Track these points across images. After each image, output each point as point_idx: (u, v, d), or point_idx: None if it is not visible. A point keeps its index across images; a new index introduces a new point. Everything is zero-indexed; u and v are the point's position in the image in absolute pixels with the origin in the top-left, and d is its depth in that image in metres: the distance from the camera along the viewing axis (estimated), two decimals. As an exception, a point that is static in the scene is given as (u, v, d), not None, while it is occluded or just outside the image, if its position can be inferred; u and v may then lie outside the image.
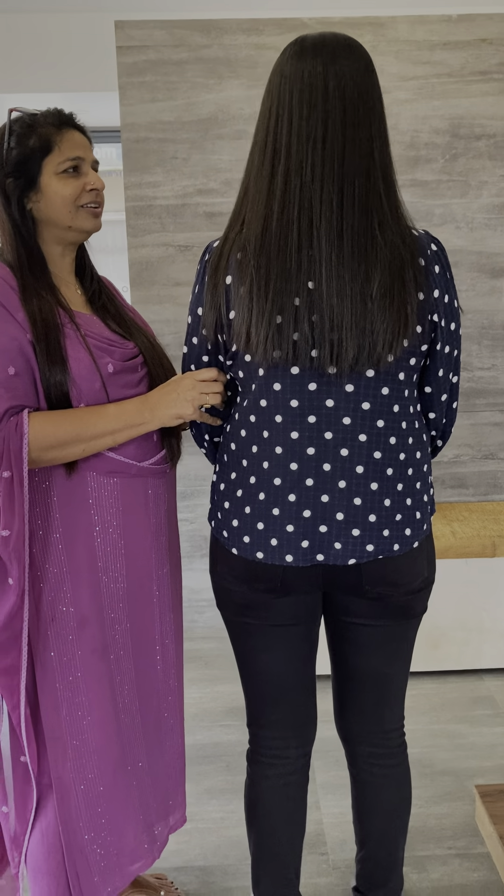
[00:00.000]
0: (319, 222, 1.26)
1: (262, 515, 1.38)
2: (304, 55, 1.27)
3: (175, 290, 2.90)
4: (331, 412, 1.33)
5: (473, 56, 2.76)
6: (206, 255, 1.38)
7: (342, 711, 1.60)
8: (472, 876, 1.91)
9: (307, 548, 1.37)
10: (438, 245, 1.34)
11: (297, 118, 1.26)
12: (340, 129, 1.25)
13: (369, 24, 2.71)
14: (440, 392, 1.43)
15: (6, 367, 1.35)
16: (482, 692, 2.69)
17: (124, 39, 2.71)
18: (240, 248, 1.31)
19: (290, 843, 1.59)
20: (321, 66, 1.25)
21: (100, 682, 1.49)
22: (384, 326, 1.26)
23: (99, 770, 1.51)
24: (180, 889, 1.86)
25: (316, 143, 1.25)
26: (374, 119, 1.28)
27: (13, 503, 1.35)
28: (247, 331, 1.29)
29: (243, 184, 1.34)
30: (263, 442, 1.37)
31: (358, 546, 1.37)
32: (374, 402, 1.33)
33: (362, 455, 1.34)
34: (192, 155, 2.80)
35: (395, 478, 1.37)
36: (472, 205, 2.86)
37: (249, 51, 2.73)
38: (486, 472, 3.10)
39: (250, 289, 1.28)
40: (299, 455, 1.34)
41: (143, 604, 1.55)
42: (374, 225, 1.27)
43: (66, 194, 1.42)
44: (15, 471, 1.34)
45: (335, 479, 1.35)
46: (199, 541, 3.09)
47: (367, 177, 1.27)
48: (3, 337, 1.36)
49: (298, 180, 1.26)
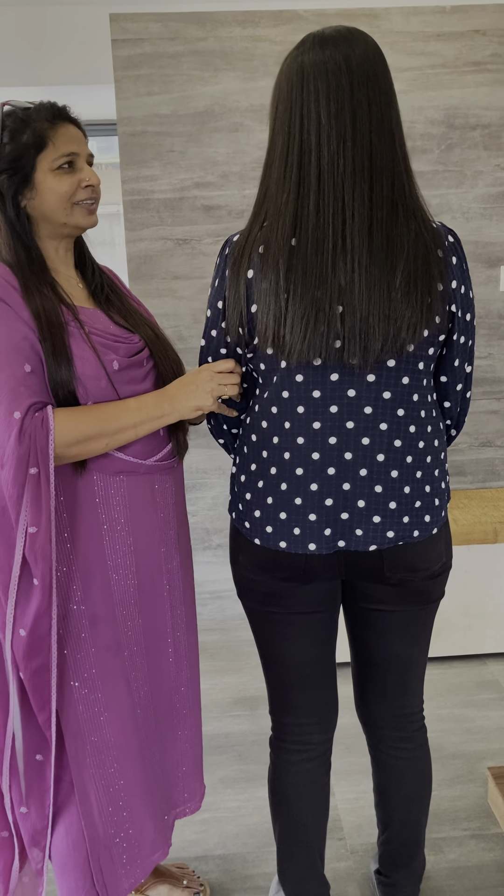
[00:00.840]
0: (353, 220, 1.27)
1: (285, 505, 1.39)
2: (324, 49, 1.27)
3: (174, 283, 2.90)
4: (352, 402, 1.34)
5: (467, 47, 2.77)
6: (226, 249, 1.39)
7: (363, 696, 1.62)
8: (488, 856, 1.95)
9: (329, 535, 1.39)
10: (455, 237, 1.36)
11: (325, 118, 1.26)
12: (367, 124, 1.26)
13: (364, 15, 2.72)
14: (455, 382, 1.45)
15: (22, 364, 1.35)
16: (486, 676, 2.73)
17: (119, 32, 2.70)
18: (262, 242, 1.32)
19: (314, 828, 1.62)
20: (343, 62, 1.26)
21: (115, 678, 1.50)
22: (408, 314, 1.28)
23: (119, 765, 1.53)
24: (202, 878, 1.88)
25: (346, 141, 1.26)
26: (394, 111, 1.30)
27: (40, 500, 1.35)
28: (277, 331, 1.30)
29: (263, 183, 1.35)
30: (285, 433, 1.38)
31: (379, 532, 1.39)
32: (394, 392, 1.35)
33: (383, 443, 1.36)
34: (189, 148, 2.80)
35: (415, 465, 1.39)
36: (468, 195, 2.89)
37: (245, 43, 2.73)
38: (483, 460, 3.13)
39: (285, 289, 1.28)
40: (321, 445, 1.36)
41: (155, 599, 1.56)
42: (400, 216, 1.28)
43: (61, 191, 1.41)
44: (42, 467, 1.34)
45: (357, 467, 1.37)
46: (202, 533, 3.10)
47: (394, 169, 1.28)
48: (16, 335, 1.35)
49: (331, 180, 1.27)
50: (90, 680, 1.48)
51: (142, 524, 1.51)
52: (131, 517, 1.49)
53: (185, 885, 1.81)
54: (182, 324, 2.91)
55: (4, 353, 1.34)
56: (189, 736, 1.69)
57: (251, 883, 1.89)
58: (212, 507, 3.09)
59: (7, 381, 1.33)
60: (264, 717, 2.49)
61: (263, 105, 2.76)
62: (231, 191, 2.84)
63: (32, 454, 1.34)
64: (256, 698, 2.64)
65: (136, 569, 1.51)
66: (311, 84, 1.27)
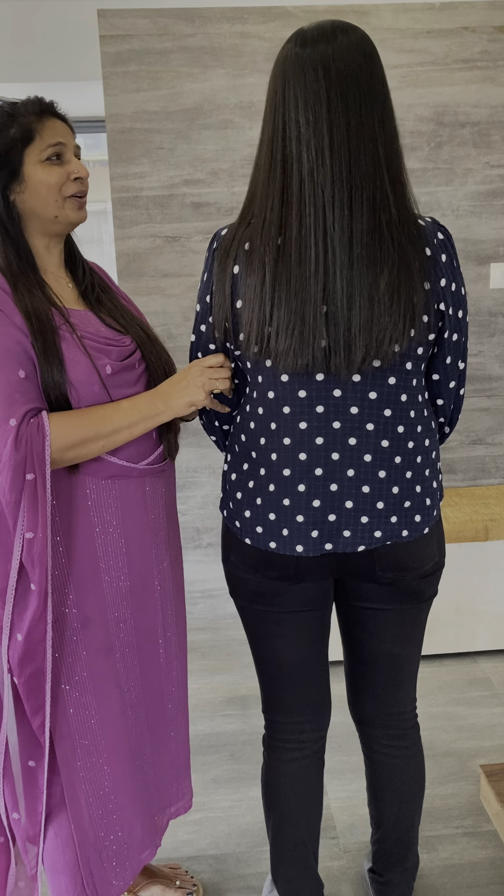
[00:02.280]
0: (333, 229, 1.26)
1: (274, 506, 1.39)
2: (303, 57, 1.25)
3: (163, 281, 2.89)
4: (338, 402, 1.33)
5: (456, 44, 2.77)
6: (214, 243, 1.38)
7: (356, 694, 1.62)
8: (480, 854, 1.94)
9: (316, 538, 1.38)
10: (445, 233, 1.35)
11: (304, 127, 1.25)
12: (345, 133, 1.24)
13: (353, 12, 2.72)
14: (448, 379, 1.45)
15: (16, 370, 1.34)
16: (477, 674, 2.73)
17: (107, 28, 2.68)
18: (247, 239, 1.31)
19: (308, 827, 1.61)
20: (321, 68, 1.24)
21: (105, 681, 1.49)
22: (391, 322, 1.27)
23: (109, 767, 1.52)
24: (195, 878, 1.87)
25: (324, 151, 1.25)
26: (377, 111, 1.26)
27: (37, 506, 1.34)
28: (262, 331, 1.29)
29: (251, 187, 1.34)
30: (272, 434, 1.37)
31: (366, 533, 1.38)
32: (381, 392, 1.34)
33: (370, 444, 1.35)
34: (178, 145, 2.78)
35: (404, 465, 1.38)
36: (458, 192, 2.89)
37: (234, 39, 2.72)
38: (474, 458, 3.13)
39: (270, 296, 1.28)
40: (308, 445, 1.35)
41: (146, 600, 1.55)
42: (381, 225, 1.27)
43: (50, 182, 1.40)
44: (38, 473, 1.33)
45: (343, 467, 1.36)
46: (192, 532, 3.09)
47: (374, 178, 1.26)
48: (8, 339, 1.34)
49: (312, 190, 1.26)
50: (81, 683, 1.46)
51: (133, 526, 1.50)
52: (123, 519, 1.48)
53: (178, 886, 1.80)
54: (171, 322, 2.90)
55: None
56: (178, 735, 1.68)
57: (244, 882, 1.88)
58: (202, 506, 3.08)
59: (2, 387, 1.32)
60: (256, 716, 2.49)
61: (252, 102, 2.75)
62: (220, 188, 2.82)
63: (29, 460, 1.33)
64: (248, 697, 2.63)
65: (127, 570, 1.50)
66: (291, 91, 1.25)
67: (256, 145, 1.35)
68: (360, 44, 1.26)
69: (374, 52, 1.28)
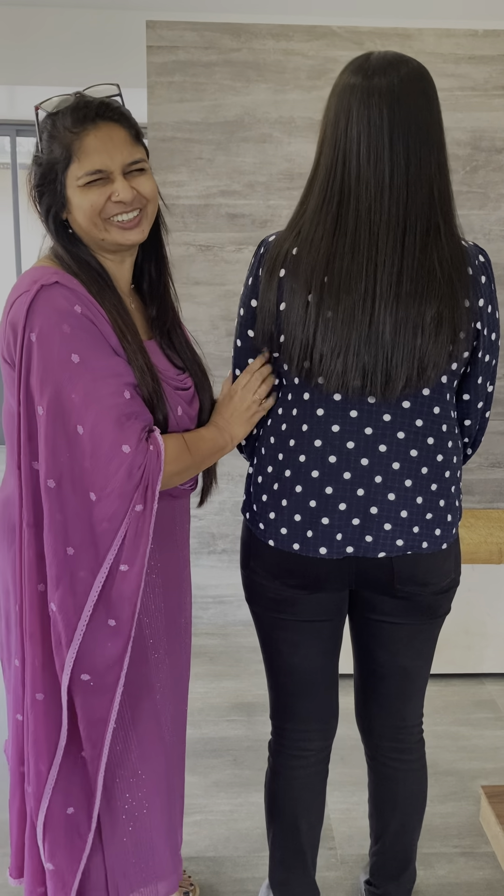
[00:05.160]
0: (384, 265, 1.30)
1: (300, 507, 1.41)
2: (368, 92, 1.28)
3: (194, 289, 2.93)
4: (372, 409, 1.37)
5: (497, 71, 2.80)
6: (262, 249, 1.42)
7: (365, 706, 1.63)
8: (477, 874, 1.95)
9: (340, 540, 1.41)
10: (485, 256, 1.39)
11: (364, 166, 1.29)
12: (404, 174, 1.29)
13: (397, 35, 2.76)
14: (477, 399, 1.48)
15: (122, 391, 1.28)
16: (483, 696, 2.74)
17: (155, 39, 2.74)
18: (296, 245, 1.35)
19: (308, 835, 1.63)
20: (387, 110, 1.27)
21: (147, 721, 1.47)
22: (435, 352, 1.31)
23: (149, 808, 1.49)
24: (192, 878, 1.89)
25: (383, 192, 1.29)
26: (435, 155, 1.31)
27: (139, 539, 1.29)
28: (305, 353, 1.34)
29: (302, 202, 1.38)
30: (302, 435, 1.40)
31: (388, 540, 1.40)
32: (414, 402, 1.37)
33: (399, 452, 1.38)
34: (217, 156, 2.83)
35: (430, 477, 1.41)
36: (490, 217, 2.91)
37: (278, 56, 2.77)
38: (492, 480, 3.14)
39: (314, 317, 1.32)
40: (339, 448, 1.38)
41: (179, 637, 1.54)
42: (433, 261, 1.31)
43: (85, 206, 1.31)
44: (148, 504, 1.29)
45: (372, 474, 1.39)
46: (207, 537, 3.12)
47: (429, 217, 1.31)
48: (111, 360, 1.30)
49: (367, 228, 1.30)
50: (125, 723, 1.43)
51: (167, 562, 1.49)
52: (160, 557, 1.47)
53: (176, 885, 1.82)
54: (200, 328, 2.94)
55: (102, 380, 1.28)
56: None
57: (241, 886, 1.90)
58: (219, 512, 3.11)
59: (109, 410, 1.27)
60: (261, 723, 2.51)
61: (293, 118, 2.79)
62: (256, 200, 2.86)
63: (140, 489, 1.28)
64: (254, 704, 2.65)
65: (164, 609, 1.49)
66: (354, 127, 1.29)
67: (294, 160, 1.39)
68: (423, 86, 1.30)
69: (435, 95, 1.33)
